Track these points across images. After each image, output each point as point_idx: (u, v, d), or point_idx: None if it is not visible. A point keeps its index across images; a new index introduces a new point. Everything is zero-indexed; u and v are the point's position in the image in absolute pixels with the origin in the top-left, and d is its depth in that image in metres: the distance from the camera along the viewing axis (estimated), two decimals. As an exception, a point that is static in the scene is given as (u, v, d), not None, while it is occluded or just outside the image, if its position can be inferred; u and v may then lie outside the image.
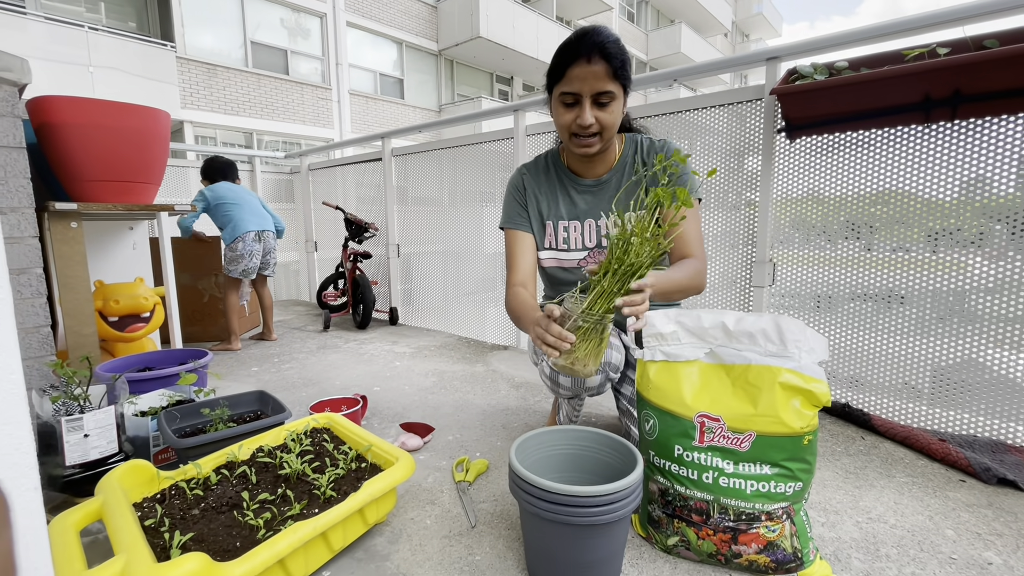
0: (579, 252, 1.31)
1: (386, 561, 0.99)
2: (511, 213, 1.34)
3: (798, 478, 0.90)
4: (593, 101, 1.11)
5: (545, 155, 1.38)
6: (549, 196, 1.33)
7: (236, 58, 9.22)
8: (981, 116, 1.37)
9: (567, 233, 1.30)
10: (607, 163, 1.27)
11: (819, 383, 0.87)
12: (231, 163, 2.93)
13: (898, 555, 0.99)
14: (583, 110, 1.11)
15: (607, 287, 0.93)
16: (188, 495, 0.98)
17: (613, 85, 1.10)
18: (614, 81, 1.10)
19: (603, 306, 0.93)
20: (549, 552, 0.87)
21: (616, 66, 1.08)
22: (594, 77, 1.08)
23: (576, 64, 1.09)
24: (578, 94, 1.11)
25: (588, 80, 1.09)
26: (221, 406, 1.32)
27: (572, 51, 1.09)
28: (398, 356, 2.60)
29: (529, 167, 1.37)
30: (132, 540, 0.77)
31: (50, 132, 1.61)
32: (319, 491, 0.98)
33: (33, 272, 1.44)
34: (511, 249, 1.31)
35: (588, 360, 0.94)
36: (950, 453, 1.35)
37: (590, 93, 1.10)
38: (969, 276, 1.45)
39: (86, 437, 1.12)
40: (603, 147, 1.18)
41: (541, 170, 1.35)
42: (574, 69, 1.09)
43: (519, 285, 1.25)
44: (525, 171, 1.36)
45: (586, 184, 1.29)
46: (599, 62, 1.07)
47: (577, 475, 1.05)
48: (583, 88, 1.10)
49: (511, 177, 1.38)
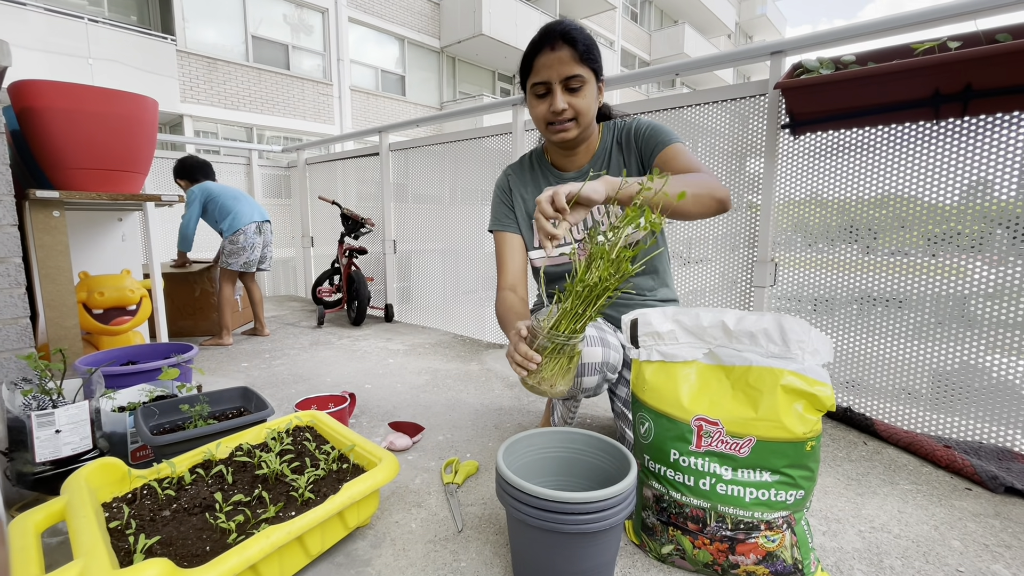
0: (567, 245, 1.28)
1: (367, 567, 0.94)
2: (498, 215, 1.33)
3: (800, 486, 0.85)
4: (564, 87, 1.11)
5: (530, 154, 1.36)
6: (534, 193, 1.30)
7: (237, 53, 9.17)
8: (993, 112, 1.32)
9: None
10: (588, 153, 1.25)
11: (823, 386, 0.82)
12: (208, 162, 2.88)
13: (903, 567, 0.95)
14: (554, 96, 1.11)
15: (570, 307, 0.88)
16: (160, 495, 0.93)
17: (581, 68, 1.10)
18: (581, 64, 1.10)
19: (568, 327, 0.88)
20: (537, 560, 0.82)
21: (581, 50, 1.09)
22: (559, 62, 1.09)
23: (542, 53, 1.10)
24: (548, 82, 1.11)
25: (555, 66, 1.09)
26: (202, 402, 1.27)
27: (536, 43, 1.12)
28: (392, 353, 2.56)
29: (514, 167, 1.36)
30: (92, 543, 0.72)
31: (32, 117, 1.56)
32: (297, 493, 0.93)
33: (11, 261, 1.40)
34: (500, 252, 1.29)
35: (556, 380, 0.90)
36: (955, 460, 1.31)
37: (559, 79, 1.10)
38: (970, 281, 1.41)
39: (58, 433, 1.07)
40: (581, 134, 1.17)
41: (526, 168, 1.34)
42: (540, 58, 1.11)
43: (508, 289, 1.23)
44: (510, 172, 1.35)
45: (568, 176, 1.27)
46: (563, 47, 1.08)
47: (568, 480, 1.01)
48: (551, 75, 1.10)
49: (497, 179, 1.37)
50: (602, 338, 1.12)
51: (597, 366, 1.10)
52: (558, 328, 0.88)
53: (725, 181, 1.87)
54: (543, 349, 0.89)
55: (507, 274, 1.26)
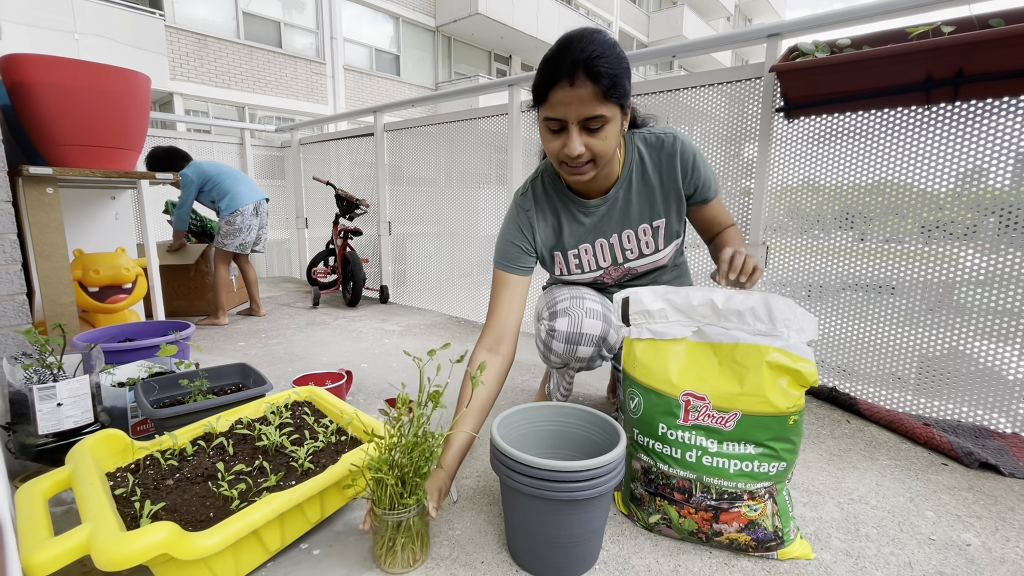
0: (594, 272, 1.25)
1: (365, 534, 0.98)
2: (508, 253, 1.18)
3: (782, 458, 0.89)
4: (582, 127, 0.96)
5: (539, 177, 1.21)
6: (555, 227, 1.20)
7: (228, 29, 8.97)
8: (983, 97, 1.34)
9: (578, 259, 1.23)
10: (610, 178, 1.13)
11: (807, 363, 0.86)
12: (175, 148, 2.77)
13: (878, 535, 0.99)
14: (570, 138, 0.96)
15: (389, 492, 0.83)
16: (163, 466, 0.96)
17: (604, 108, 0.93)
18: (606, 103, 0.93)
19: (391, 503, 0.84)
20: (528, 527, 0.86)
21: (606, 86, 0.91)
22: (579, 102, 0.92)
23: (558, 86, 0.93)
24: (563, 120, 0.95)
25: (572, 105, 0.93)
26: (201, 378, 1.29)
27: (552, 71, 0.94)
28: (387, 334, 2.58)
29: (527, 200, 1.20)
30: (100, 508, 0.75)
31: (24, 92, 1.54)
32: (297, 463, 0.96)
33: (6, 238, 1.40)
34: (497, 293, 1.16)
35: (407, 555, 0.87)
36: (933, 437, 1.35)
37: (577, 119, 0.95)
38: (960, 268, 1.44)
39: (59, 406, 1.09)
40: (599, 171, 1.05)
41: (541, 198, 1.20)
42: (556, 92, 0.93)
43: (488, 348, 1.11)
44: (527, 206, 1.19)
45: (592, 205, 1.16)
46: (584, 84, 0.91)
47: (560, 452, 1.04)
48: (568, 114, 0.94)
49: (508, 212, 1.22)
50: (605, 315, 1.14)
51: (595, 339, 1.12)
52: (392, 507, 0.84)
53: (720, 166, 1.89)
54: (384, 528, 0.85)
55: (497, 323, 1.13)
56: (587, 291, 1.25)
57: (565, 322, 1.13)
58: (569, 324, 1.12)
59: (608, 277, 1.27)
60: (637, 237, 1.19)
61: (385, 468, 0.83)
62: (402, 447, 0.84)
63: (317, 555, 0.92)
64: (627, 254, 1.22)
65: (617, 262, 1.23)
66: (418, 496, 0.85)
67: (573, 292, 1.23)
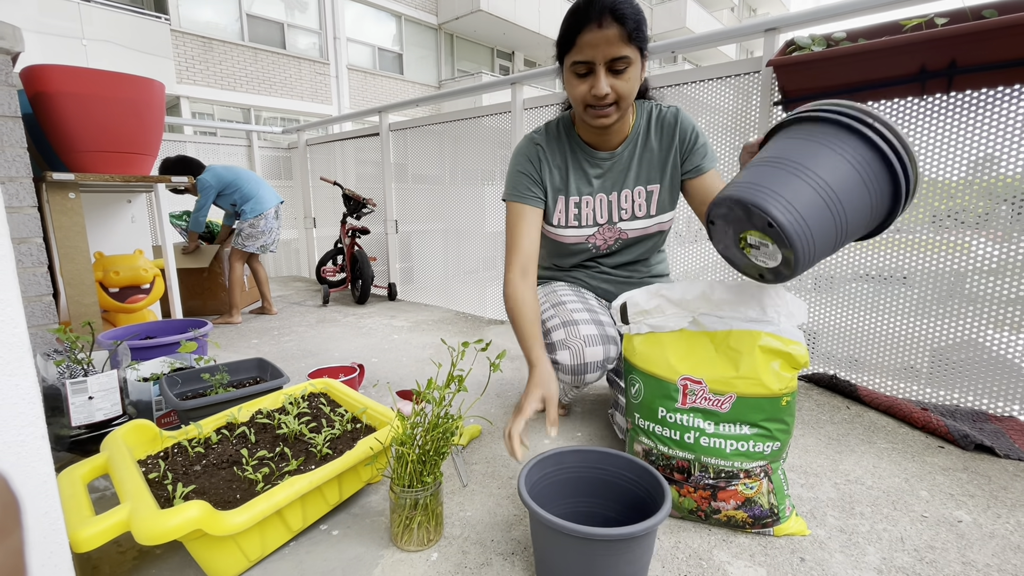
0: (590, 228, 1.27)
1: (381, 516, 1.03)
2: (519, 185, 1.23)
3: (776, 438, 0.93)
4: (608, 68, 1.03)
5: (556, 122, 1.27)
6: (563, 169, 1.24)
7: (232, 31, 9.06)
8: (977, 88, 1.36)
9: (578, 209, 1.25)
10: (622, 134, 1.20)
11: (798, 345, 0.90)
12: (185, 156, 2.87)
13: (872, 513, 1.03)
14: (597, 79, 1.03)
15: (409, 471, 0.89)
16: (190, 453, 1.02)
17: (629, 49, 1.01)
18: (629, 45, 1.01)
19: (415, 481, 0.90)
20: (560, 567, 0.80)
21: (631, 28, 0.99)
22: (607, 42, 1.00)
23: (587, 30, 1.00)
24: (591, 62, 1.02)
25: (600, 46, 1.00)
26: (221, 372, 1.35)
27: (582, 16, 1.01)
28: (396, 330, 2.64)
29: (541, 136, 1.25)
30: (137, 489, 0.81)
31: (45, 102, 1.61)
32: (315, 449, 1.02)
33: (33, 242, 1.46)
34: (514, 225, 1.21)
35: (428, 535, 0.93)
36: (931, 421, 1.39)
37: (604, 60, 1.02)
38: (972, 257, 1.43)
39: (90, 399, 1.16)
40: (620, 116, 1.11)
41: (553, 139, 1.25)
42: (585, 35, 1.01)
43: (520, 271, 1.17)
44: (539, 141, 1.25)
45: (600, 157, 1.22)
46: (612, 25, 0.99)
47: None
48: (596, 55, 1.01)
49: (520, 145, 1.26)
50: (602, 335, 1.16)
51: (599, 364, 1.16)
52: (411, 485, 0.89)
53: (724, 157, 1.92)
54: (402, 507, 0.90)
55: (520, 252, 1.18)
56: (575, 306, 1.24)
57: (567, 355, 1.15)
58: (571, 357, 1.15)
59: (600, 238, 1.29)
60: (632, 198, 1.24)
61: (409, 443, 0.89)
62: (425, 425, 0.90)
63: (336, 535, 0.98)
64: (622, 214, 1.26)
65: (612, 220, 1.27)
66: (435, 475, 0.91)
67: (563, 315, 1.21)
